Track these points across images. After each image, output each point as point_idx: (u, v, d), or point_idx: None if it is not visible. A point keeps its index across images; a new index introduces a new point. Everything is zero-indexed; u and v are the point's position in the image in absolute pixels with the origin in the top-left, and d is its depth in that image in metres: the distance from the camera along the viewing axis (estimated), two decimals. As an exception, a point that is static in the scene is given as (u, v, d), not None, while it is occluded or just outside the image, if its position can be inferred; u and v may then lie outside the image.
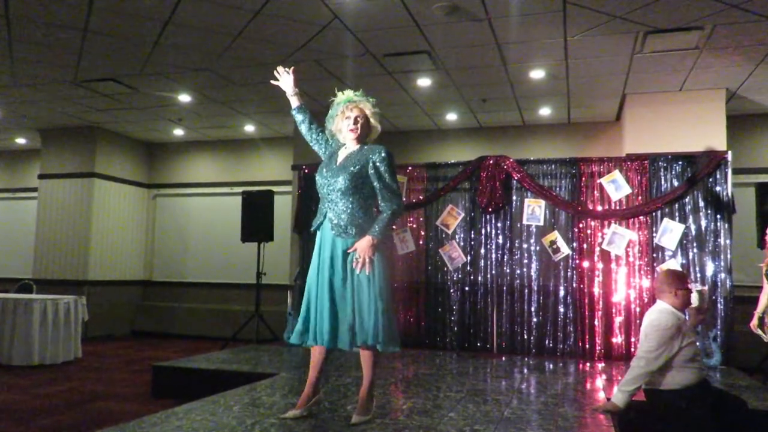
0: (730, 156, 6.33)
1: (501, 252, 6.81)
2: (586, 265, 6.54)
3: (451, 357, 6.34)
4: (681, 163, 6.41)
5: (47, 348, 6.72)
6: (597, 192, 6.61)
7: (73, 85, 7.31)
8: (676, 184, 6.37)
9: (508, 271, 6.76)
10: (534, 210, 6.72)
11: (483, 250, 6.86)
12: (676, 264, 6.20)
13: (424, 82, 6.94)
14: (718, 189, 6.27)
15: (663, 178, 6.44)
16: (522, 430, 3.31)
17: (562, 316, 6.56)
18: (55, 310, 6.86)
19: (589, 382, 5.22)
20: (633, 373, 3.50)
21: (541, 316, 6.63)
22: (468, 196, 6.99)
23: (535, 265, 6.70)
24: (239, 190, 8.69)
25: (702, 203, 6.29)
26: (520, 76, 6.72)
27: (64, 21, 5.48)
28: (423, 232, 7.10)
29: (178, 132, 9.69)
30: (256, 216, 7.89)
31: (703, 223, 6.28)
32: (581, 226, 6.60)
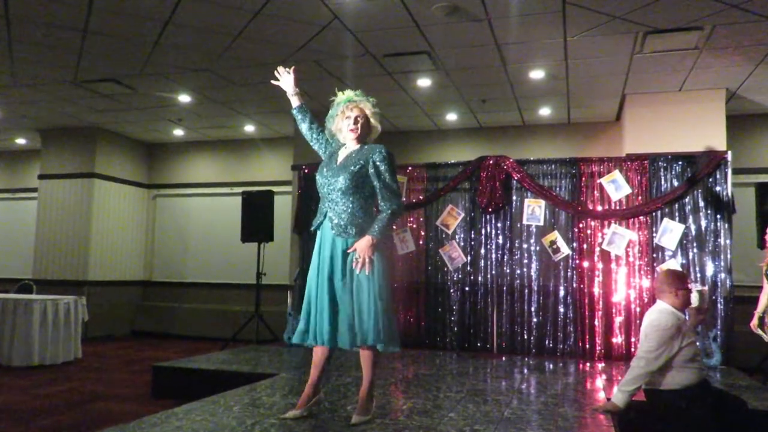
0: (730, 156, 6.34)
1: (501, 252, 6.81)
2: (586, 265, 6.55)
3: (451, 357, 6.34)
4: (681, 163, 6.41)
5: (47, 348, 6.72)
6: (597, 192, 6.62)
7: (73, 86, 7.31)
8: (676, 184, 6.38)
9: (508, 271, 6.76)
10: (534, 210, 6.72)
11: (483, 250, 6.87)
12: (676, 264, 6.20)
13: (424, 82, 6.94)
14: (718, 189, 6.27)
15: (663, 178, 6.45)
16: (522, 430, 3.31)
17: (562, 316, 6.56)
18: (55, 311, 6.86)
19: (589, 382, 5.22)
20: (633, 373, 3.50)
21: (541, 316, 6.63)
22: (468, 196, 6.99)
23: (535, 265, 6.70)
24: (239, 190, 8.68)
25: (702, 203, 6.30)
26: (519, 77, 6.72)
27: (64, 21, 5.48)
28: (423, 232, 7.10)
29: (178, 132, 9.69)
30: (256, 216, 7.88)
31: (703, 223, 6.28)
32: (581, 226, 6.60)
